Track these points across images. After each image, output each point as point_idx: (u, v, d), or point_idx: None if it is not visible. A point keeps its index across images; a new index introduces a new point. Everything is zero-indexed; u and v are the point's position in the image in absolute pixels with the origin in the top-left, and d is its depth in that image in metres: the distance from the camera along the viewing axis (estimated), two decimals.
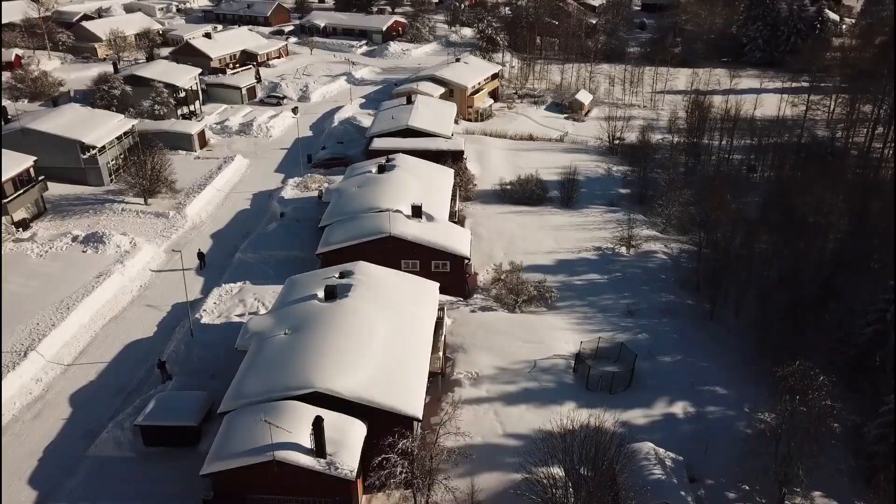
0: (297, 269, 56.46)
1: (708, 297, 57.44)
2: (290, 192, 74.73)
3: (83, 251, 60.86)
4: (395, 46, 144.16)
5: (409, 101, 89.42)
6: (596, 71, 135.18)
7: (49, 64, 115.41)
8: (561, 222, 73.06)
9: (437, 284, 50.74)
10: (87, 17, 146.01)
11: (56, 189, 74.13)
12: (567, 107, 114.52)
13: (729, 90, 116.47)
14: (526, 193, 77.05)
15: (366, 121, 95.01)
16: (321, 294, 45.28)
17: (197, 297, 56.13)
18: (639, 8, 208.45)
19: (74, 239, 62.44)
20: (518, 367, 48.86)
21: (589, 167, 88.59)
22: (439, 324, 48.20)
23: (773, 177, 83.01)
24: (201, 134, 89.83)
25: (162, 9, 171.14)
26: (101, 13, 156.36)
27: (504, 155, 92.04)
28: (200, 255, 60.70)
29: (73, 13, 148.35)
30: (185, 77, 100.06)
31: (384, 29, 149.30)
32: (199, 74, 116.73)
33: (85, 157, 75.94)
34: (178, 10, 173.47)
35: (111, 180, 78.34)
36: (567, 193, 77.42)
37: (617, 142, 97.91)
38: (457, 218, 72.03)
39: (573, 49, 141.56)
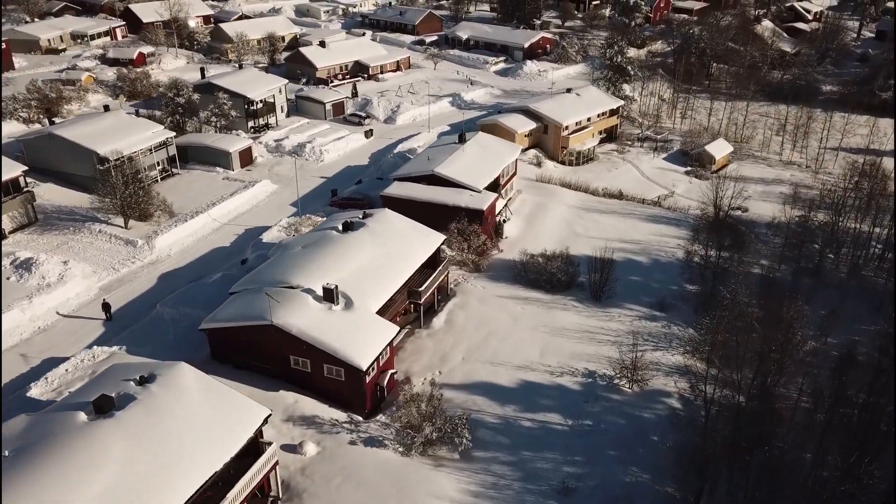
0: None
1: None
2: (274, 234, 65.82)
3: (7, 278, 56.92)
4: (531, 66, 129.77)
5: (462, 140, 76.12)
6: (763, 112, 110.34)
7: (172, 63, 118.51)
8: (570, 323, 56.03)
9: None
10: (244, 17, 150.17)
11: (65, 198, 72.53)
12: (694, 159, 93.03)
13: None
14: (545, 276, 60.69)
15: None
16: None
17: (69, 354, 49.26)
18: (872, 35, 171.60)
19: (13, 262, 58.89)
20: None
21: (667, 247, 69.12)
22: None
23: None
24: (245, 151, 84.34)
25: (327, 11, 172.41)
26: (261, 14, 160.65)
27: (567, 215, 75.25)
28: (105, 307, 53.77)
29: (232, 13, 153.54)
30: (263, 88, 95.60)
31: (526, 46, 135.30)
32: (305, 83, 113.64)
33: (102, 168, 73.41)
34: (343, 14, 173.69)
35: None
36: (597, 284, 59.67)
37: (731, 212, 76.41)
38: (444, 293, 58.63)
39: (749, 83, 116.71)
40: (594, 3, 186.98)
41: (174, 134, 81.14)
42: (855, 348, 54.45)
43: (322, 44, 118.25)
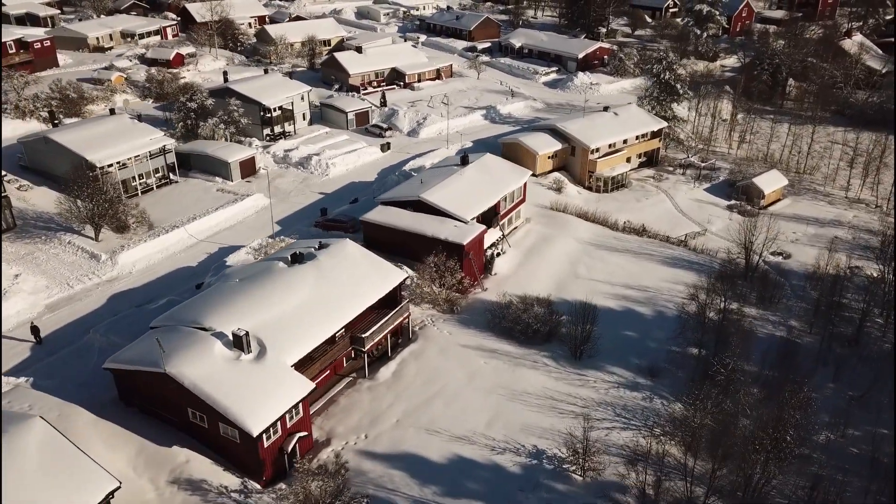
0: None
1: None
2: (241, 257, 61.40)
3: None
4: (582, 78, 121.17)
5: (465, 162, 69.65)
6: (835, 139, 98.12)
7: (211, 64, 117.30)
8: (534, 385, 48.72)
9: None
10: (298, 18, 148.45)
11: (52, 204, 70.94)
12: (740, 192, 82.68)
13: None
14: (519, 325, 53.53)
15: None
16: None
17: None
18: None
19: None
20: None
21: (678, 297, 60.42)
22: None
23: None
24: (247, 162, 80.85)
25: (387, 14, 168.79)
26: (322, 15, 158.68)
27: (574, 251, 67.45)
28: (34, 330, 50.70)
29: (284, 14, 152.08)
30: (282, 94, 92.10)
31: (580, 56, 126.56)
32: (338, 90, 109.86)
33: (91, 174, 71.47)
34: (404, 17, 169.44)
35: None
36: (576, 341, 51.92)
37: (768, 257, 66.94)
38: (405, 337, 52.69)
39: (822, 104, 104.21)
40: (671, 10, 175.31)
41: (173, 141, 78.57)
42: (880, 447, 44.83)
43: (358, 49, 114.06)
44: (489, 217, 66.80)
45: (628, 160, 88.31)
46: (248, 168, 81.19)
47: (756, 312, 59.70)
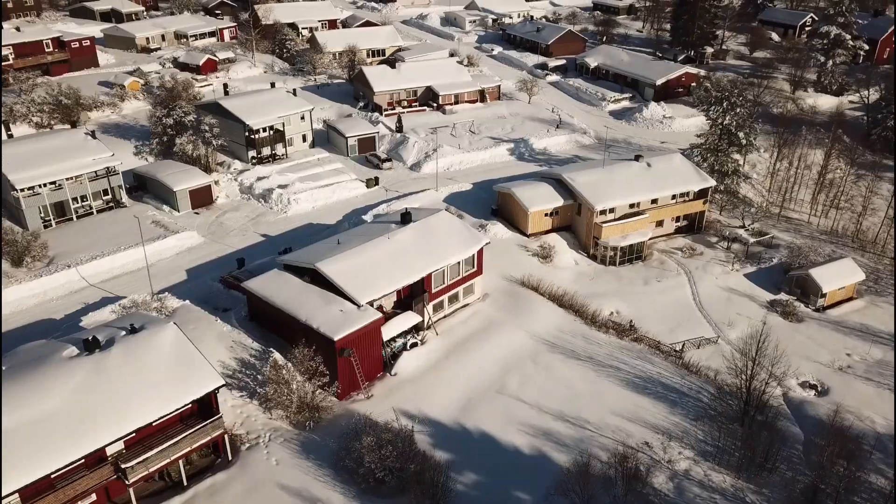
0: None
1: None
2: (100, 317, 51.90)
3: None
4: (653, 109, 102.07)
5: (405, 220, 56.17)
6: None
7: (245, 72, 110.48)
8: None
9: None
10: (368, 24, 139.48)
11: None
12: (794, 284, 62.56)
13: None
14: (362, 468, 39.70)
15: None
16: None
17: None
18: None
19: None
20: None
21: (626, 440, 43.68)
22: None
23: None
24: (201, 191, 71.94)
25: (473, 21, 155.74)
26: (409, 19, 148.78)
27: (517, 352, 52.22)
28: None
29: (358, 19, 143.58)
30: (273, 113, 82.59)
31: (659, 83, 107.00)
32: (363, 107, 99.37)
33: (17, 195, 65.70)
34: (492, 25, 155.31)
35: (46, 225, 67.03)
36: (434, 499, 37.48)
37: (787, 391, 48.84)
38: (223, 457, 40.94)
39: None
40: (806, 27, 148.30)
41: (119, 162, 71.17)
42: None
43: (391, 63, 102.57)
44: (416, 293, 53.23)
45: (659, 224, 70.35)
46: (201, 198, 72.33)
47: (730, 483, 41.81)
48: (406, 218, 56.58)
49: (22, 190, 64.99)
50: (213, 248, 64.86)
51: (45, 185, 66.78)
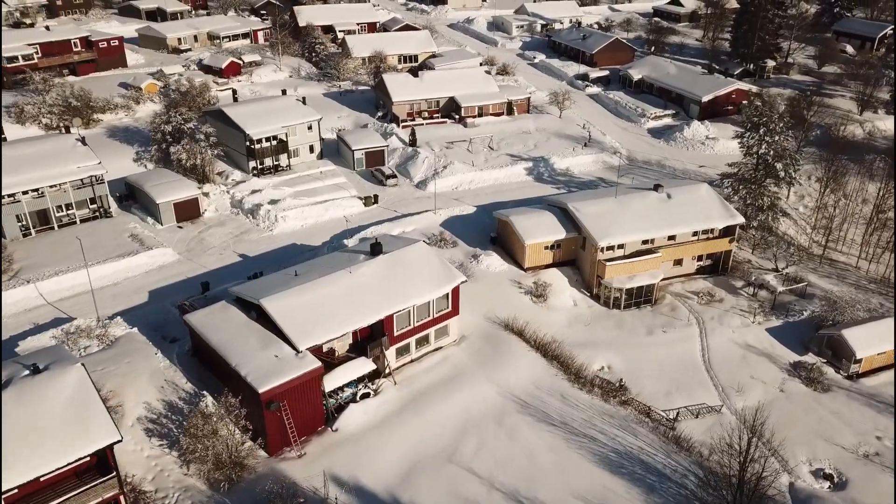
0: None
1: None
2: (43, 341, 48.69)
3: None
4: (696, 129, 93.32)
5: (375, 252, 50.90)
6: None
7: (269, 76, 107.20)
8: None
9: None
10: (407, 28, 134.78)
11: None
12: (824, 344, 54.11)
13: None
14: None
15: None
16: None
17: None
18: None
19: None
20: None
21: None
22: None
23: None
24: (186, 203, 68.49)
25: (521, 27, 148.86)
26: (456, 23, 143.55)
27: (483, 409, 46.22)
28: None
29: (399, 22, 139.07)
30: (277, 123, 78.60)
31: (705, 99, 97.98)
32: (381, 118, 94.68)
33: None
34: (541, 31, 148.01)
35: (25, 234, 64.96)
36: None
37: (796, 480, 41.65)
38: None
39: None
40: (885, 40, 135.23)
41: (105, 171, 68.40)
42: None
43: (413, 72, 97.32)
44: (377, 335, 47.91)
45: (678, 262, 62.75)
46: (187, 211, 68.95)
47: None
48: (376, 249, 51.24)
49: (1, 197, 63.01)
50: (186, 268, 61.17)
51: (26, 192, 64.71)
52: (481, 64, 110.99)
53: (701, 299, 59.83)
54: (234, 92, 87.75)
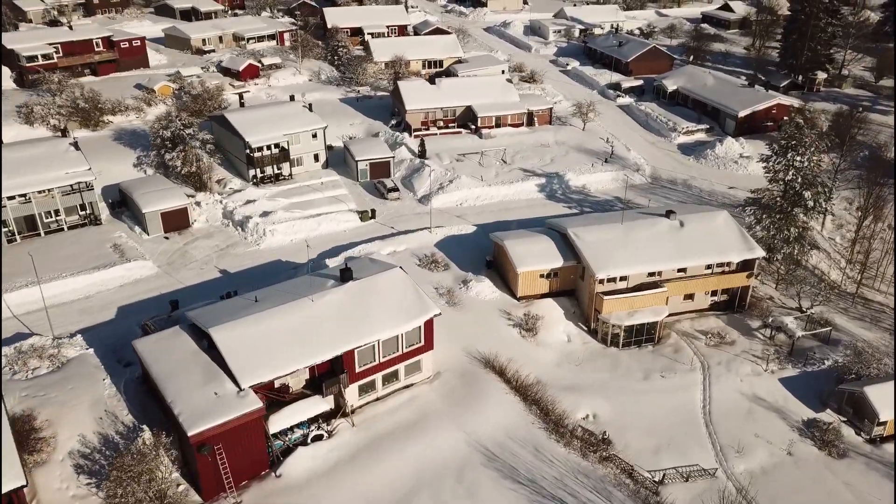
0: None
1: None
2: None
3: None
4: (729, 146, 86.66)
5: (345, 278, 47.24)
6: None
7: (288, 79, 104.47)
8: None
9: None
10: (437, 31, 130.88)
11: None
12: (844, 401, 47.96)
13: None
14: None
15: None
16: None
17: None
18: None
19: None
20: None
21: None
22: None
23: None
24: (175, 213, 66.05)
25: (558, 31, 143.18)
26: (492, 26, 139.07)
27: (444, 460, 42.17)
28: None
29: (429, 25, 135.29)
30: (279, 130, 75.77)
31: (742, 114, 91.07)
32: (395, 126, 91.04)
33: None
34: (577, 36, 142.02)
35: (12, 240, 63.60)
36: None
37: None
38: None
39: None
40: None
41: (94, 177, 66.57)
42: None
43: (431, 80, 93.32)
44: (336, 371, 44.19)
45: (689, 297, 57.20)
46: (175, 221, 66.56)
47: None
48: (345, 275, 47.53)
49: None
50: (162, 283, 58.62)
51: (12, 197, 63.32)
52: (503, 72, 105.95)
53: (710, 340, 54.13)
54: (241, 96, 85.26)
